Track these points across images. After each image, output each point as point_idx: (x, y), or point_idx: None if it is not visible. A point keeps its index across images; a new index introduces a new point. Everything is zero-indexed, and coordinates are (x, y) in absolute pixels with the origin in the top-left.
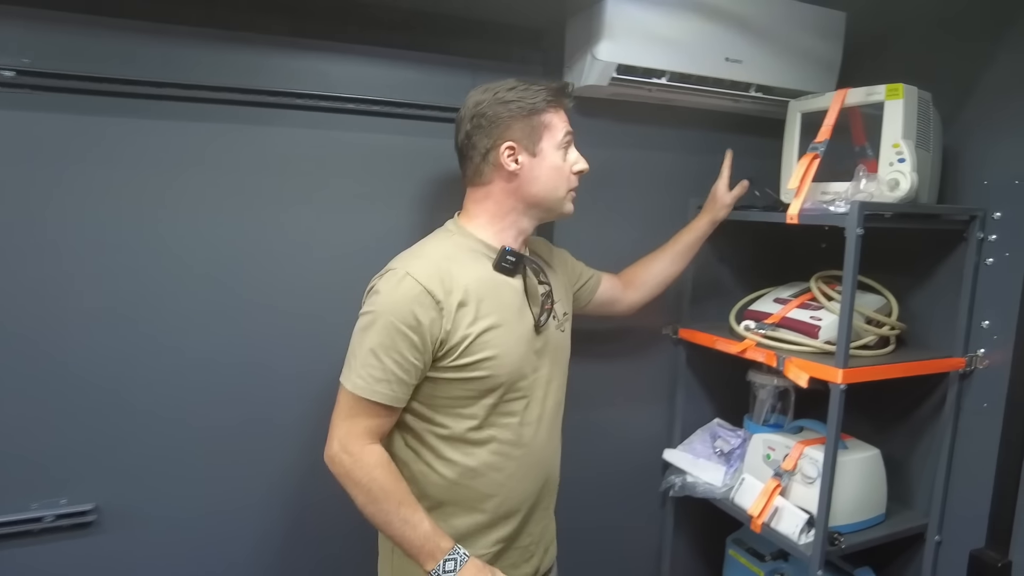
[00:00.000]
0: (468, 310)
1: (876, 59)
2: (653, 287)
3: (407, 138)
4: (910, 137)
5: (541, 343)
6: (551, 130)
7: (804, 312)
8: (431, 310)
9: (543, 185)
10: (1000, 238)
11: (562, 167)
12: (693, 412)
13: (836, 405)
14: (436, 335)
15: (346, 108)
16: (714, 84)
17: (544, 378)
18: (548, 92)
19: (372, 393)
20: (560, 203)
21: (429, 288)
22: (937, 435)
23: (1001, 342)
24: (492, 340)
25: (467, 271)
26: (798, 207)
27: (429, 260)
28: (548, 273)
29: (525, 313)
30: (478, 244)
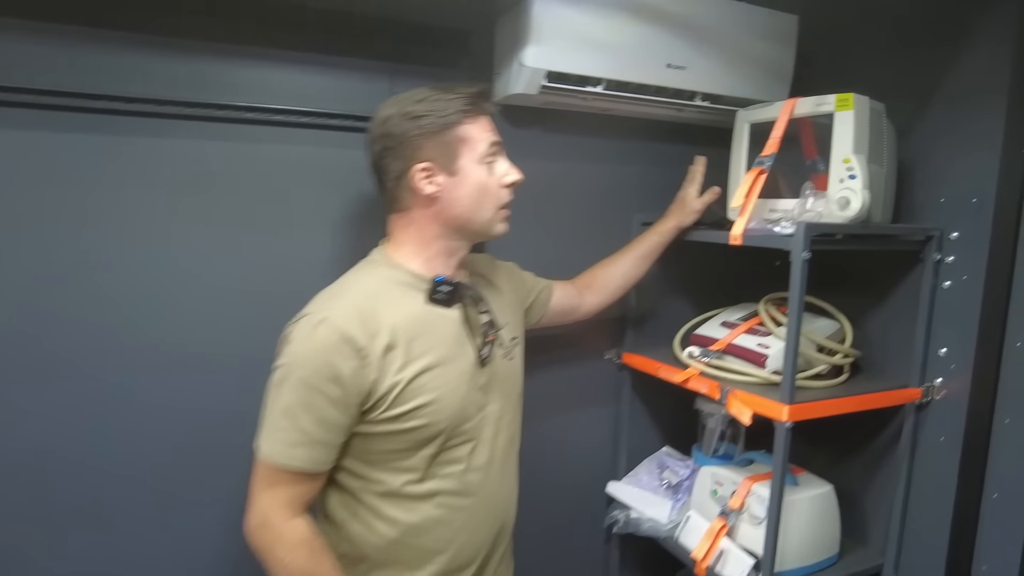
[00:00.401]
0: (397, 354)
1: (830, 67)
2: (614, 291)
3: (322, 149)
4: (862, 151)
5: (486, 377)
6: (470, 144)
7: (751, 338)
8: (352, 359)
9: (467, 206)
10: (958, 260)
11: (487, 183)
12: (640, 440)
13: (781, 444)
14: (361, 387)
15: (244, 118)
16: (656, 92)
17: (493, 415)
18: (463, 101)
19: (289, 459)
20: (489, 224)
21: (349, 334)
22: (893, 469)
23: (958, 372)
24: (428, 383)
25: (395, 308)
26: (742, 227)
27: (349, 300)
28: (492, 295)
29: (466, 347)
30: (407, 276)
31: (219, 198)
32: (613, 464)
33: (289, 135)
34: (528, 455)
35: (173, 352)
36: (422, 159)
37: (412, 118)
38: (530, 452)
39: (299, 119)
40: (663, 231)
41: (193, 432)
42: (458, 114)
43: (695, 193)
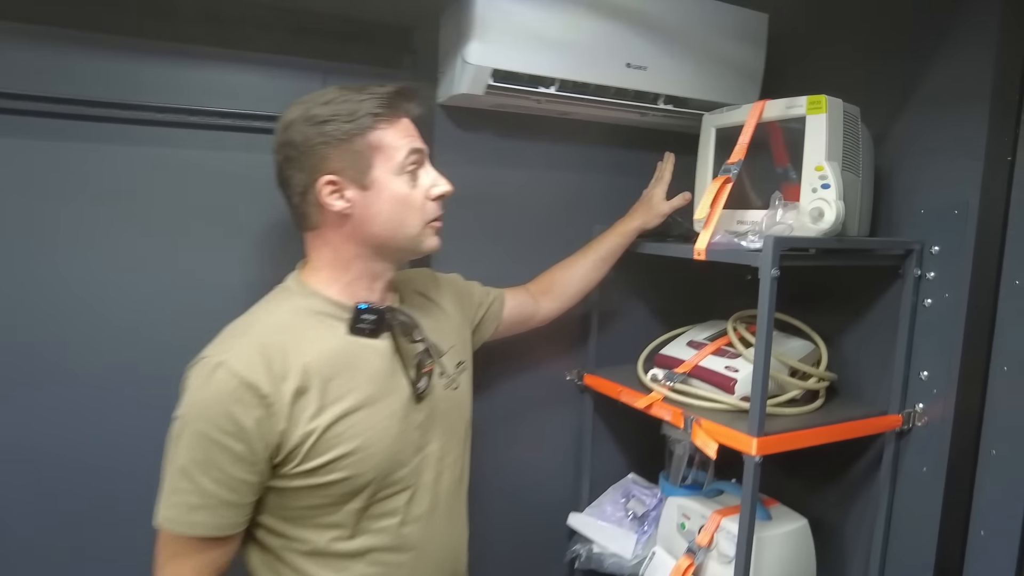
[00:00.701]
0: (310, 398)
1: (803, 69)
2: (572, 295)
3: (251, 155)
4: (835, 158)
5: (424, 414)
6: (385, 152)
7: (719, 360)
8: (255, 408)
9: (386, 223)
10: (939, 276)
11: (410, 196)
12: (604, 467)
13: (751, 480)
14: (268, 439)
15: (156, 119)
16: (615, 94)
17: (434, 456)
18: (375, 102)
19: (190, 526)
20: (415, 241)
21: (249, 380)
22: (873, 500)
23: (941, 396)
24: (349, 430)
25: (310, 343)
26: (706, 240)
27: (252, 339)
28: (433, 317)
29: (398, 381)
30: (325, 304)
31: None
32: (575, 494)
33: (209, 139)
34: (481, 486)
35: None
36: (328, 171)
37: (316, 123)
38: (484, 483)
39: (218, 120)
40: (625, 232)
41: None
42: (369, 118)
43: (662, 194)
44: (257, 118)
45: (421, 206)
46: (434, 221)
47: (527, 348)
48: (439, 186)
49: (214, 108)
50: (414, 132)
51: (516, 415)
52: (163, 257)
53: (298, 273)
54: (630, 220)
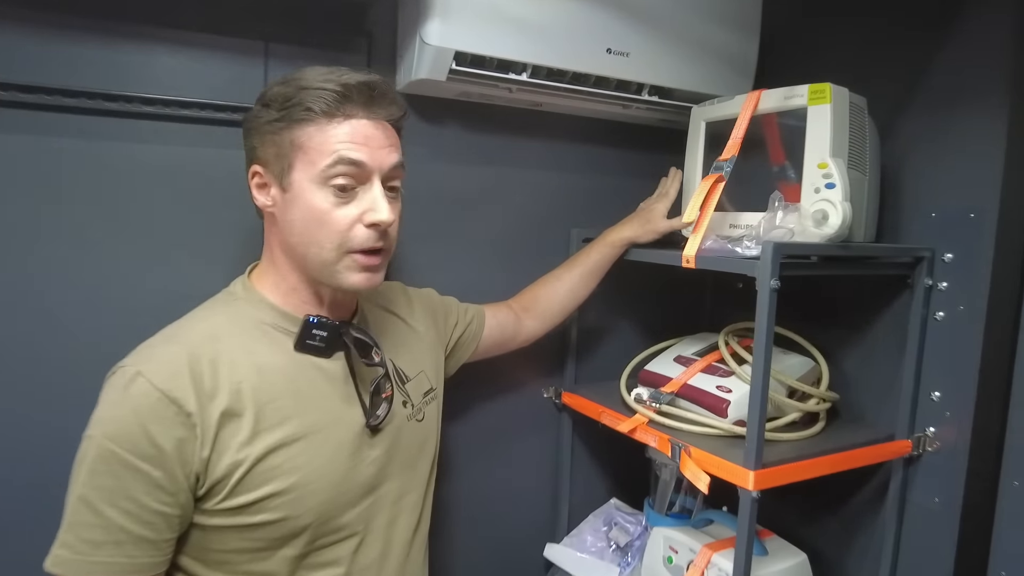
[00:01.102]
0: (242, 422)
1: (799, 58)
2: (557, 313)
3: (189, 149)
4: (841, 154)
5: (380, 448)
6: (306, 154)
7: (710, 379)
8: (177, 428)
9: (299, 237)
10: (952, 286)
11: (327, 214)
12: (584, 492)
13: (747, 517)
14: (189, 465)
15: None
16: (595, 84)
17: (390, 497)
18: (319, 92)
19: (88, 568)
20: (328, 270)
21: (172, 394)
22: (877, 533)
23: (955, 420)
24: (287, 463)
25: (248, 357)
26: (696, 247)
27: (180, 347)
28: (400, 336)
29: (350, 409)
30: (270, 313)
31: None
32: (551, 522)
33: (129, 128)
34: (447, 516)
35: None
36: (256, 160)
37: (261, 103)
38: (450, 512)
39: (127, 107)
40: (614, 242)
41: None
42: (300, 109)
43: (664, 211)
44: (172, 104)
45: (342, 229)
46: (361, 254)
47: (499, 361)
48: (374, 212)
49: (122, 92)
50: (367, 140)
51: (486, 436)
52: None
53: (246, 276)
54: (622, 230)
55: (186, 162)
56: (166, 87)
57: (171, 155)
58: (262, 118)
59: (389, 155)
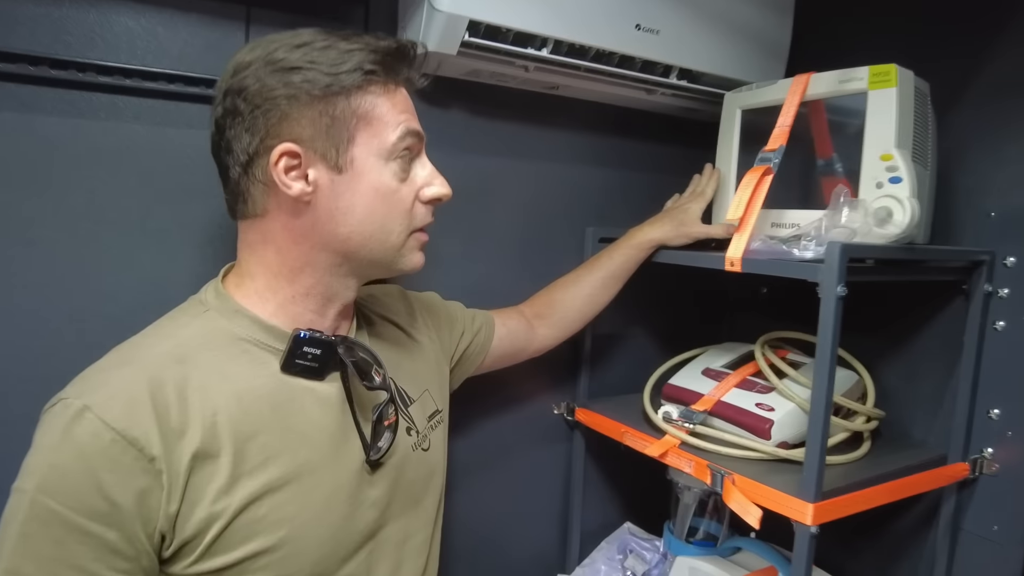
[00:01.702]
0: (219, 465)
1: (834, 42)
2: (574, 320)
3: (155, 128)
4: (905, 146)
5: (382, 487)
6: (373, 126)
7: (747, 395)
8: (137, 475)
9: (359, 223)
10: (1016, 293)
11: (397, 192)
12: (596, 515)
13: (803, 557)
14: (153, 523)
15: (2, 71)
16: (620, 64)
17: (394, 540)
18: (369, 55)
19: None
20: (393, 254)
21: (130, 433)
22: (924, 564)
23: (1019, 439)
24: (274, 513)
25: (224, 383)
26: (742, 248)
27: (138, 371)
28: (402, 350)
29: (348, 442)
30: (252, 327)
31: None
32: (562, 550)
33: (81, 102)
34: (447, 546)
35: None
36: (289, 137)
37: (281, 69)
38: (450, 541)
39: (93, 77)
40: (641, 244)
41: None
42: (359, 74)
43: (699, 213)
44: (134, 74)
45: (409, 208)
46: (421, 232)
47: (503, 374)
48: (435, 186)
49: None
50: (412, 109)
51: (491, 456)
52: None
53: (219, 282)
54: (650, 230)
55: (151, 144)
56: (127, 55)
57: (132, 135)
58: (300, 87)
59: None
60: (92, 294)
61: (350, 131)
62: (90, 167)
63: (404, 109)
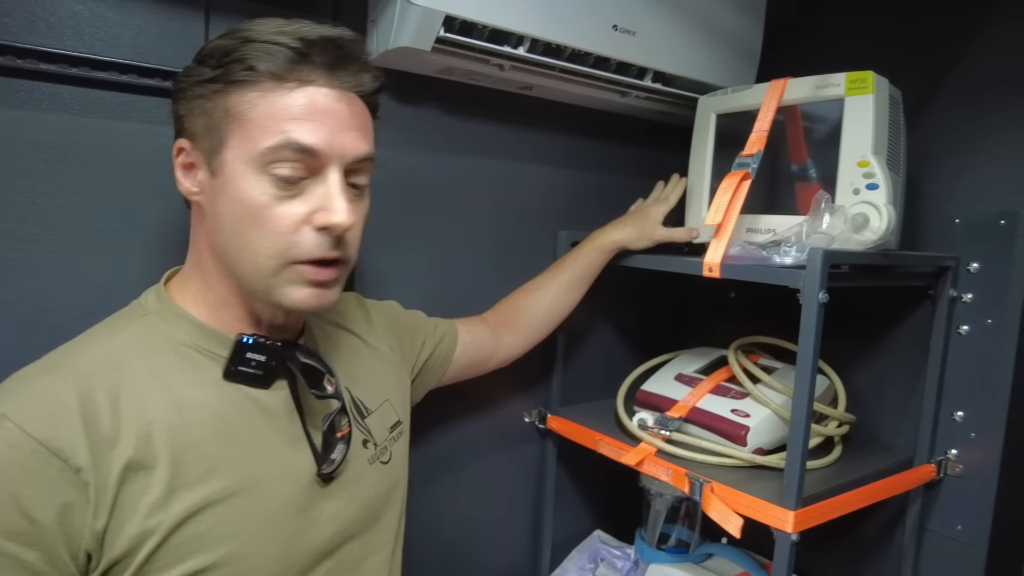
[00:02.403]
0: (155, 478)
1: (803, 49)
2: (541, 326)
3: (105, 122)
4: (881, 153)
5: (338, 502)
6: (244, 129)
7: (722, 401)
8: (60, 489)
9: (228, 238)
10: (979, 298)
11: (264, 210)
12: (567, 523)
13: (784, 565)
14: (78, 540)
15: None
16: (596, 64)
17: (351, 560)
18: (264, 45)
19: None
20: (265, 282)
21: (53, 443)
22: (891, 564)
23: (982, 441)
24: (215, 529)
25: (162, 390)
26: (720, 253)
27: (66, 377)
28: (359, 359)
29: (297, 454)
30: (193, 332)
31: None
32: (533, 560)
33: (19, 91)
34: (419, 556)
35: None
36: (183, 132)
37: (197, 60)
38: (419, 553)
39: (34, 64)
40: (605, 246)
41: None
42: (242, 67)
43: (661, 217)
44: (82, 63)
45: (282, 232)
46: (310, 265)
47: (475, 382)
48: (327, 212)
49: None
50: (327, 117)
51: (461, 466)
52: None
53: (161, 285)
54: (614, 232)
55: (100, 139)
56: (73, 40)
57: (79, 129)
58: (192, 77)
59: (355, 141)
60: (33, 303)
61: (221, 132)
62: (29, 163)
63: (299, 116)
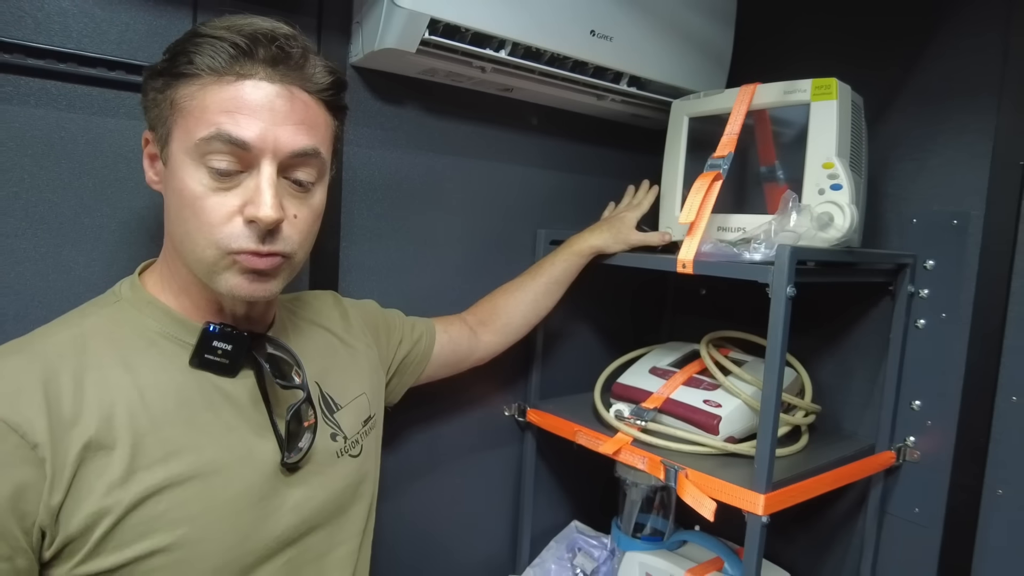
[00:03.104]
0: (113, 457)
1: (771, 55)
2: (519, 327)
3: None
4: (844, 155)
5: (302, 493)
6: (186, 119)
7: (695, 393)
8: (16, 465)
9: (175, 224)
10: (934, 294)
11: (201, 200)
12: (546, 516)
13: (755, 545)
14: (31, 516)
15: None
16: (574, 68)
17: (312, 552)
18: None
19: None
20: (207, 271)
21: (11, 419)
22: (854, 547)
23: (937, 429)
24: (173, 511)
25: (126, 374)
26: (693, 250)
27: (31, 359)
28: (330, 356)
29: (261, 442)
30: (161, 319)
31: None
32: (512, 551)
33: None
34: (395, 552)
35: None
36: (148, 122)
37: (164, 55)
38: (400, 544)
39: (21, 59)
40: (582, 251)
41: None
42: (184, 61)
43: (635, 222)
44: (70, 59)
45: (215, 222)
46: (243, 254)
47: (455, 377)
48: (253, 206)
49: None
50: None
51: (441, 460)
52: None
53: (135, 275)
54: (591, 237)
55: (87, 134)
56: (60, 36)
57: (66, 124)
58: (152, 72)
59: (294, 135)
60: (17, 297)
61: (168, 123)
62: (16, 157)
63: (232, 109)
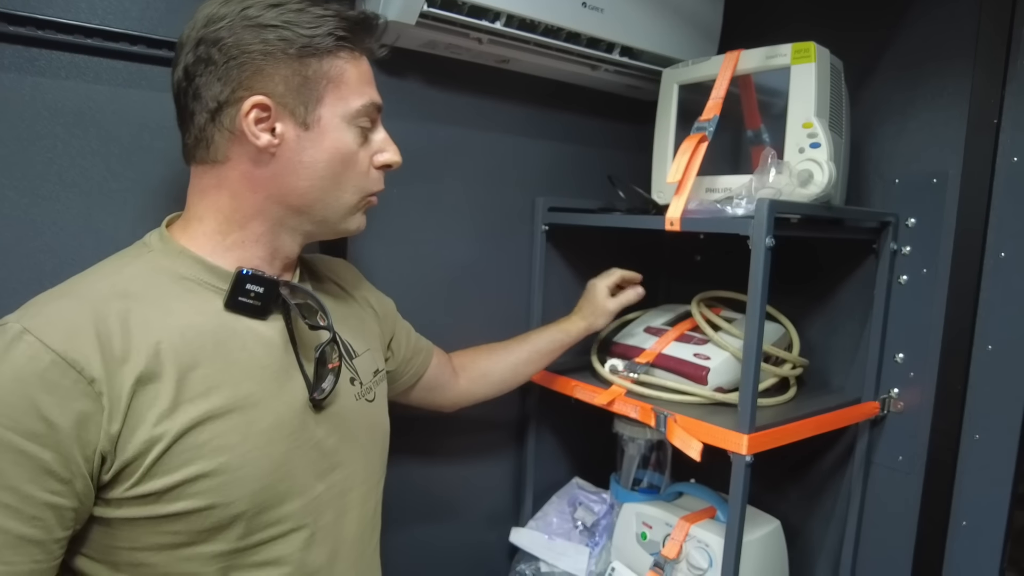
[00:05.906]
0: (161, 390)
1: (758, 24)
2: (494, 384)
3: (117, 89)
4: (823, 115)
5: (326, 429)
6: (341, 90)
7: (686, 347)
8: (78, 399)
9: (317, 179)
10: (915, 251)
11: (356, 155)
12: (548, 472)
13: (740, 483)
14: (92, 445)
15: None
16: (567, 39)
17: (338, 487)
18: (341, 22)
19: None
20: (343, 214)
21: (71, 356)
22: (842, 496)
23: (919, 380)
24: (215, 440)
25: (167, 316)
26: (680, 208)
27: (81, 302)
28: (347, 308)
29: (290, 380)
30: (194, 266)
31: None
32: (516, 506)
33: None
34: (405, 505)
35: None
36: (261, 90)
37: (257, 26)
38: (407, 501)
39: (52, 35)
40: (570, 331)
41: None
42: (331, 40)
43: (605, 288)
44: (96, 34)
45: (365, 172)
46: (374, 196)
47: (460, 335)
48: (387, 152)
49: (31, 15)
50: (373, 81)
51: (443, 419)
52: None
53: (163, 228)
54: (574, 319)
55: (113, 105)
56: (87, 13)
57: (94, 95)
58: (278, 45)
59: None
60: (51, 255)
61: (319, 92)
62: (49, 126)
63: (368, 80)
